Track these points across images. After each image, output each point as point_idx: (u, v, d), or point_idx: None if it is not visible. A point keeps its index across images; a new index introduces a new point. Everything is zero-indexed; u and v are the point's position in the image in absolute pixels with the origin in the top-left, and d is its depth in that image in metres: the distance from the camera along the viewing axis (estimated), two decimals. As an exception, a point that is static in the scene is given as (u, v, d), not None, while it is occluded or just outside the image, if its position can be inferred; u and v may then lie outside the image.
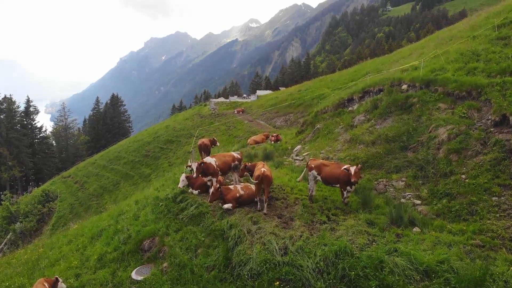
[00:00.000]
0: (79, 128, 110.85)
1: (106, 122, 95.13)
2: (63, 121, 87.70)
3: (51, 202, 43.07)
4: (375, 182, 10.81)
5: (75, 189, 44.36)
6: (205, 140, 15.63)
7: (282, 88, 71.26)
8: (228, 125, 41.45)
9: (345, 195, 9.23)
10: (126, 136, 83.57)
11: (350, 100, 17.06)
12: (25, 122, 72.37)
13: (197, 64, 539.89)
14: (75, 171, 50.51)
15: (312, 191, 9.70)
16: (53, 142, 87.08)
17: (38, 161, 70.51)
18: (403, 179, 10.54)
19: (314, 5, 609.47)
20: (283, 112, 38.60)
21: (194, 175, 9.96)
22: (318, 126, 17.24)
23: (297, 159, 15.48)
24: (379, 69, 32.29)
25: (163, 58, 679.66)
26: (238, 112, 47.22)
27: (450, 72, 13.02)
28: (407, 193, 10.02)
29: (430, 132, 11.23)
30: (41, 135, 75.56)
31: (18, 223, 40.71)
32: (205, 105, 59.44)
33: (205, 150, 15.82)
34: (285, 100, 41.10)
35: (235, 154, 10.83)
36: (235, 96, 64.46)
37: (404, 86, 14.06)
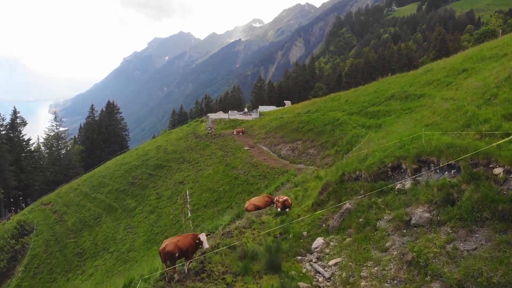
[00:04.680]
0: (74, 136, 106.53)
1: (101, 131, 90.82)
2: (54, 131, 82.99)
3: (25, 237, 38.07)
4: None
5: (53, 220, 39.19)
6: (181, 244, 9.63)
7: (287, 103, 65.08)
8: (225, 150, 36.01)
9: None
10: (123, 150, 78.13)
11: (397, 169, 11.50)
12: (11, 135, 67.42)
13: (200, 64, 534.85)
14: (56, 197, 45.27)
15: None
16: (45, 154, 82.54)
17: (25, 177, 65.58)
18: None
19: (317, 5, 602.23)
20: (289, 138, 32.90)
21: None
22: (348, 205, 11.76)
23: (319, 270, 10.04)
24: (407, 92, 26.64)
25: (166, 58, 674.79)
26: (238, 133, 41.57)
27: None
28: None
29: None
30: (29, 148, 70.52)
31: (-12, 262, 35.89)
32: (202, 121, 53.67)
33: (179, 257, 10.06)
34: (292, 122, 35.39)
35: None
36: (235, 112, 58.70)
37: (499, 171, 8.49)
